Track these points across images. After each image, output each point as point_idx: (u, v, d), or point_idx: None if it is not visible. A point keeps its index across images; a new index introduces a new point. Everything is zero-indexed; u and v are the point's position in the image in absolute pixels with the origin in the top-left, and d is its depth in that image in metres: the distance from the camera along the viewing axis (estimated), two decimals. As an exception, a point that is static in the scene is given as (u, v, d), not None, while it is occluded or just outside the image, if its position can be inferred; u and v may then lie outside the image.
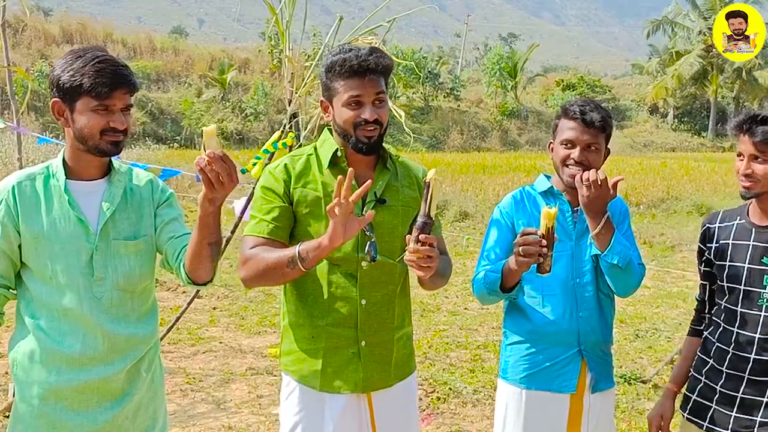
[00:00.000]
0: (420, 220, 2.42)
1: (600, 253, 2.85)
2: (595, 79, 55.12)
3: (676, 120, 51.69)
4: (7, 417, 2.60)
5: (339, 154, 2.70)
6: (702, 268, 3.06)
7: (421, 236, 2.40)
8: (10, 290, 2.52)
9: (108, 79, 2.37)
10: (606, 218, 2.82)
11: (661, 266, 11.79)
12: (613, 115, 3.30)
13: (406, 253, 2.44)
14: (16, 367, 2.52)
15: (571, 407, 2.96)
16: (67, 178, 2.48)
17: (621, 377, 6.33)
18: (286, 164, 2.70)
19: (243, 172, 5.24)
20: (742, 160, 2.82)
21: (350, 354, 2.70)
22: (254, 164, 5.04)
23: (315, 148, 2.77)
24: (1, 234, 2.43)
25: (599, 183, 2.75)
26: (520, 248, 2.64)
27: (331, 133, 2.76)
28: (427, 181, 2.43)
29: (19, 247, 2.45)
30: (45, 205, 2.45)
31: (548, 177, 3.13)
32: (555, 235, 2.64)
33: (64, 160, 2.51)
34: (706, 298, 3.10)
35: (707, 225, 3.03)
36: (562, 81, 51.66)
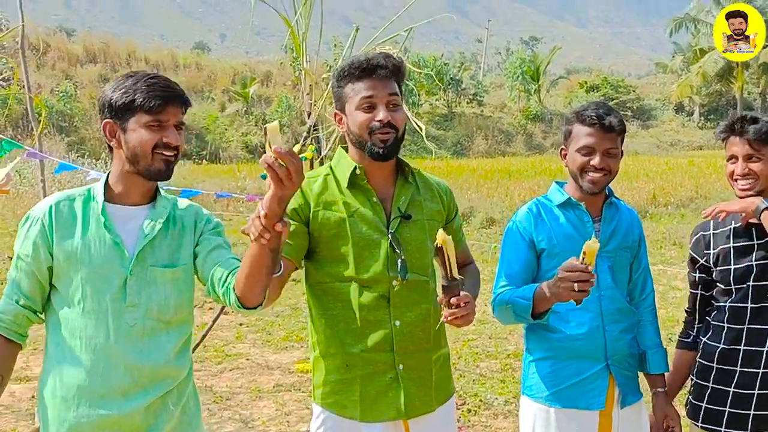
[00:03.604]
0: (444, 283, 2.42)
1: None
2: (618, 79, 54.67)
3: (702, 118, 51.14)
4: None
5: (357, 172, 2.61)
6: (697, 275, 3.06)
7: (452, 300, 2.40)
8: (37, 314, 2.45)
9: (160, 93, 2.35)
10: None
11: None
12: (638, 115, 3.24)
13: (443, 316, 2.45)
14: (41, 403, 2.45)
15: (601, 423, 2.87)
16: (106, 201, 2.42)
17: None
18: (301, 187, 2.55)
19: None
20: (734, 162, 2.89)
21: (388, 379, 2.61)
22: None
23: (331, 168, 2.68)
24: (32, 254, 2.38)
25: None
26: (575, 284, 2.50)
27: (347, 151, 2.69)
28: (438, 245, 2.39)
29: (50, 269, 2.39)
30: (81, 226, 2.39)
31: (560, 184, 3.03)
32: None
33: (106, 182, 2.46)
34: (697, 308, 3.09)
35: (700, 233, 3.09)
36: (586, 83, 51.29)
